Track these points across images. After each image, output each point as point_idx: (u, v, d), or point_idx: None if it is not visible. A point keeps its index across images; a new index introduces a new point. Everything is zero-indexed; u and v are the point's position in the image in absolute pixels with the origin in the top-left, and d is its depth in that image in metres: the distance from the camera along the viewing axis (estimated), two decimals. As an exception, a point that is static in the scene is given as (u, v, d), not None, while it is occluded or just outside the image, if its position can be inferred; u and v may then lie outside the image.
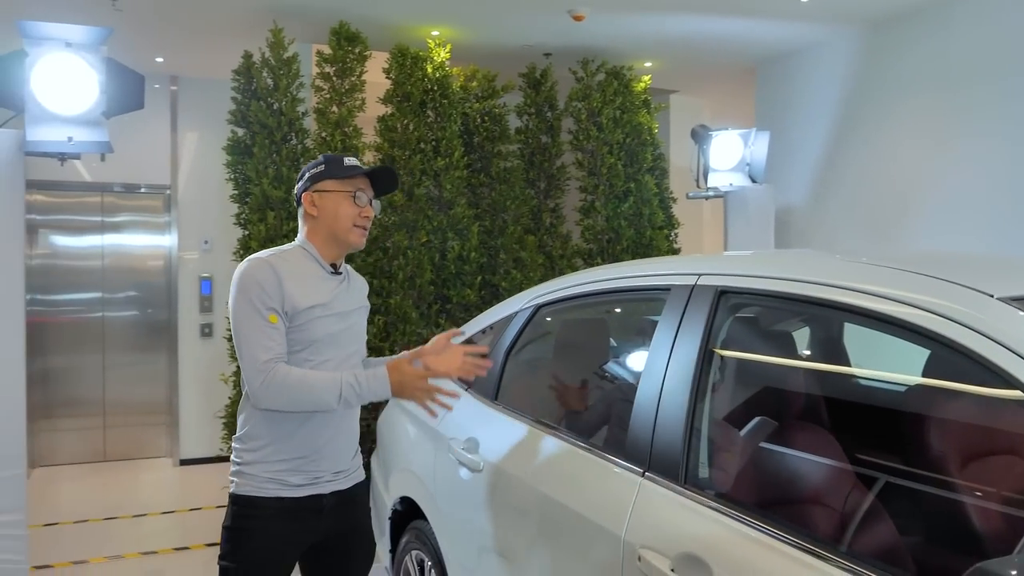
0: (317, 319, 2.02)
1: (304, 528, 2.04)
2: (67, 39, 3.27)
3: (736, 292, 1.70)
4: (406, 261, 4.78)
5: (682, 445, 1.61)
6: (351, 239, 2.11)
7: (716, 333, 1.70)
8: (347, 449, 2.15)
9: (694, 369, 1.67)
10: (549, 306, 2.45)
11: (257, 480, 2.02)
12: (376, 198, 2.19)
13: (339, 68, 4.78)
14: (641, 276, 2.05)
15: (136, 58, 5.87)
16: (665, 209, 5.84)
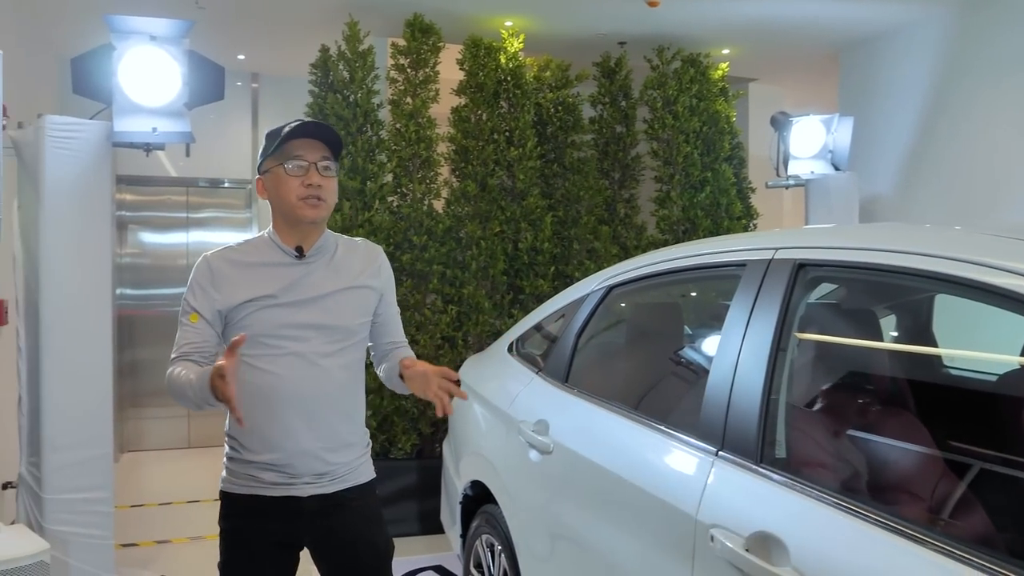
0: (257, 312, 1.87)
1: (283, 530, 1.91)
2: (152, 32, 3.38)
3: (816, 265, 1.63)
4: (479, 251, 4.78)
5: (758, 424, 1.55)
6: (300, 214, 1.89)
7: (794, 308, 1.63)
8: (327, 451, 1.92)
9: (771, 346, 1.60)
10: (621, 287, 2.40)
11: (235, 476, 1.94)
12: (327, 161, 1.92)
13: (413, 59, 4.81)
14: (715, 252, 1.98)
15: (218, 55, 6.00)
16: (743, 199, 5.69)
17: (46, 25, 5.26)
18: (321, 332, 1.91)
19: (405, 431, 4.56)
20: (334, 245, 2.01)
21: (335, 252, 2.00)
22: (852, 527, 1.31)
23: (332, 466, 1.92)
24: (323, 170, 1.90)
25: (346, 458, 1.96)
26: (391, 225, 4.64)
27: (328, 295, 1.93)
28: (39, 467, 3.32)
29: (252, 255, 1.94)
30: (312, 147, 1.91)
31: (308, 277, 1.93)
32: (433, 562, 3.97)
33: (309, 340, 1.90)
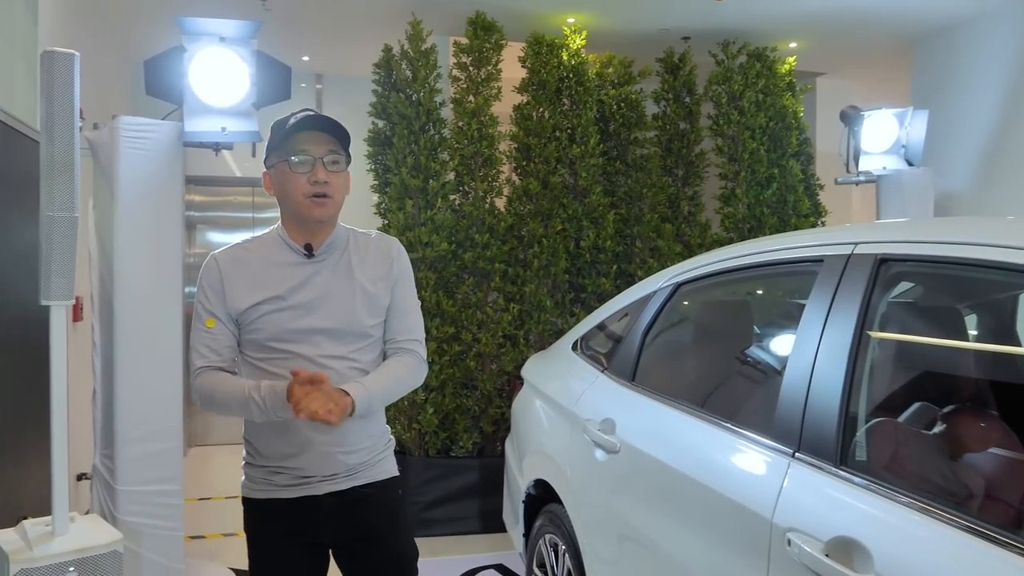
0: (266, 316, 1.82)
1: (303, 530, 1.89)
2: (221, 33, 3.43)
3: (899, 260, 1.56)
4: (541, 250, 4.75)
5: (837, 425, 1.49)
6: (306, 213, 1.82)
7: (875, 306, 1.56)
8: (342, 453, 1.88)
9: (850, 345, 1.54)
10: (689, 284, 2.35)
11: (253, 481, 1.93)
12: (333, 154, 1.84)
13: (476, 58, 4.81)
14: (790, 248, 1.92)
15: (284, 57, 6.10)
16: (812, 196, 5.55)
17: (120, 28, 5.41)
18: (331, 336, 1.85)
19: (467, 429, 4.56)
20: (345, 241, 1.93)
21: (346, 248, 1.92)
22: (940, 533, 1.24)
23: (346, 464, 1.88)
24: (330, 164, 1.83)
25: (363, 457, 1.92)
26: (453, 223, 4.65)
27: (338, 295, 1.86)
28: (112, 459, 3.40)
29: (260, 253, 1.89)
30: (318, 140, 1.82)
31: (317, 276, 1.86)
32: (494, 560, 3.96)
33: (319, 344, 1.84)
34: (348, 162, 1.90)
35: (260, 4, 4.83)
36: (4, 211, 3.04)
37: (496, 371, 4.64)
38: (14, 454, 3.17)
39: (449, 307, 4.52)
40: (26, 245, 3.20)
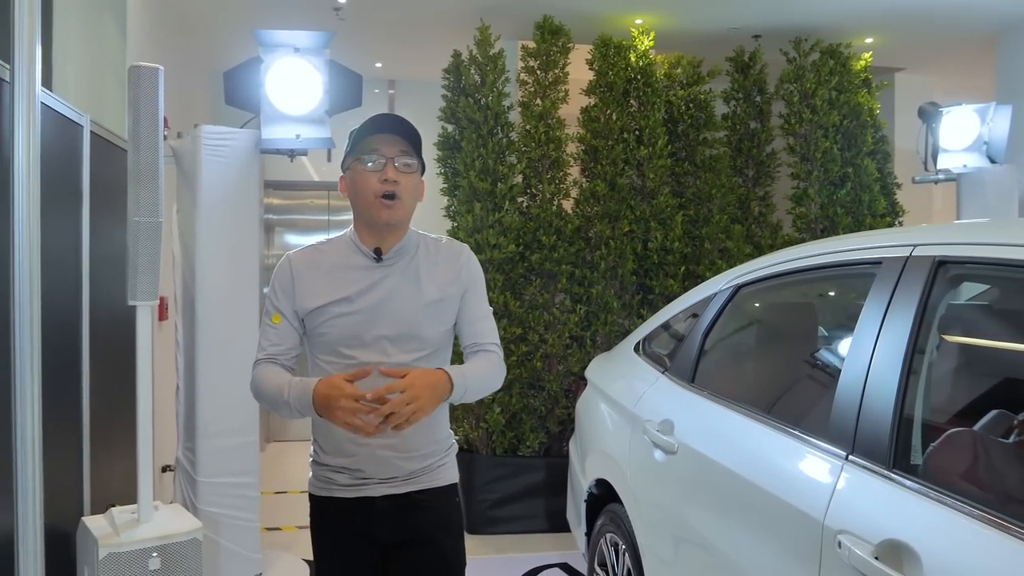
0: (333, 319, 1.83)
1: (361, 530, 1.90)
2: (296, 44, 3.56)
3: (957, 262, 1.54)
4: (607, 251, 4.77)
5: (891, 428, 1.48)
6: (375, 215, 1.83)
7: (933, 308, 1.55)
8: (401, 459, 1.88)
9: (906, 348, 1.53)
10: (749, 286, 2.34)
11: (316, 478, 1.95)
12: (405, 156, 1.85)
13: (543, 61, 4.85)
14: (849, 250, 1.90)
15: (357, 64, 6.28)
16: (888, 195, 5.41)
17: (202, 42, 5.65)
18: (396, 343, 1.84)
19: (533, 429, 4.61)
20: (415, 247, 1.93)
21: (415, 254, 1.92)
22: (994, 540, 1.23)
23: (404, 469, 1.89)
24: (400, 166, 1.84)
25: (423, 462, 1.91)
26: (520, 225, 4.70)
27: (403, 301, 1.85)
28: (194, 452, 3.57)
29: (332, 256, 1.90)
30: (390, 141, 1.84)
31: (385, 281, 1.86)
32: (559, 559, 4.00)
33: (385, 350, 1.83)
34: (422, 169, 1.92)
35: (334, 14, 4.97)
36: (95, 216, 3.22)
37: (562, 372, 4.68)
38: (103, 446, 3.35)
39: (516, 308, 4.58)
40: (115, 248, 3.39)
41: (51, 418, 1.71)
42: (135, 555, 2.82)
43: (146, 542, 2.85)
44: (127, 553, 2.81)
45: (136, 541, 2.83)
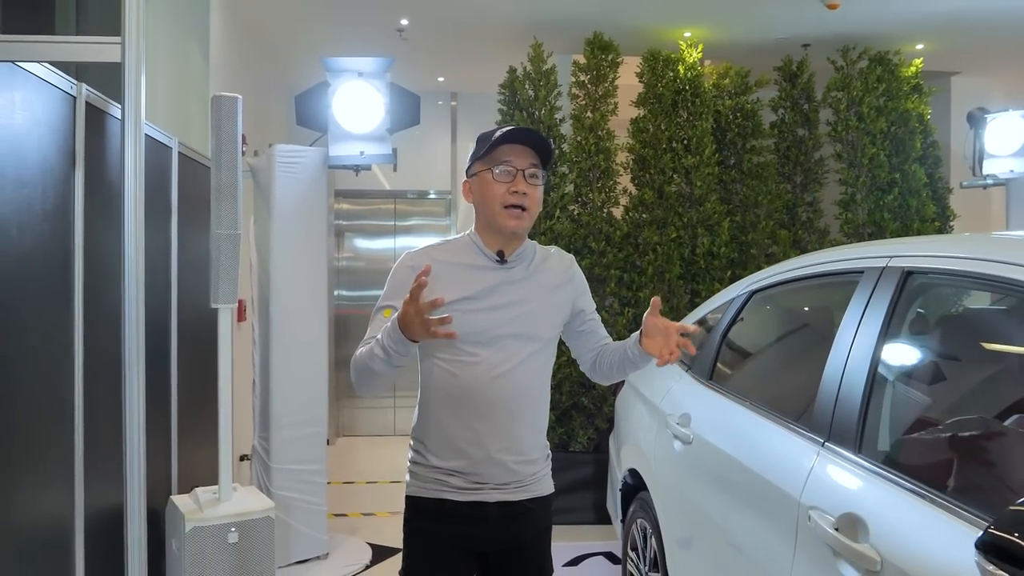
0: (459, 316, 1.79)
1: (467, 535, 1.90)
2: (359, 70, 3.90)
3: (922, 272, 1.74)
4: (655, 256, 4.98)
5: (858, 418, 1.69)
6: (501, 223, 1.87)
7: (900, 313, 1.75)
8: (513, 461, 1.90)
9: (875, 347, 1.73)
10: (762, 292, 2.56)
11: (422, 480, 1.94)
12: (535, 168, 1.89)
13: (593, 76, 5.09)
14: (842, 260, 2.11)
15: (421, 79, 6.66)
16: (939, 200, 5.47)
17: (276, 67, 6.08)
18: (517, 341, 1.88)
19: (583, 426, 4.85)
20: (532, 252, 1.99)
21: (533, 259, 1.98)
22: (928, 512, 1.43)
23: (518, 475, 1.90)
24: (530, 178, 1.88)
25: (534, 468, 1.94)
26: (571, 232, 4.95)
27: (526, 302, 1.90)
28: (268, 441, 3.94)
29: (453, 255, 1.93)
30: (522, 154, 1.88)
31: (508, 283, 1.91)
32: (604, 549, 4.23)
33: (504, 348, 1.87)
34: (546, 179, 1.98)
35: (398, 35, 5.31)
36: (182, 227, 3.61)
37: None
38: (188, 434, 3.74)
39: (567, 311, 4.82)
40: (199, 256, 3.77)
41: (148, 410, 2.01)
42: (216, 529, 3.18)
43: (226, 518, 3.20)
44: (209, 527, 3.17)
45: (217, 517, 3.19)
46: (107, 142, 2.78)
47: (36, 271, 2.34)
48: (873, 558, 1.45)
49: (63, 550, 2.57)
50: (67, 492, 2.59)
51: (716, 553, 2.20)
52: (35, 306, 2.35)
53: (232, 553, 3.20)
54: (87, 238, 2.59)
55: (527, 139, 1.88)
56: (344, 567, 3.98)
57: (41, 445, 2.41)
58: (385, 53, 5.32)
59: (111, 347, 2.75)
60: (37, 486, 2.39)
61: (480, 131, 2.00)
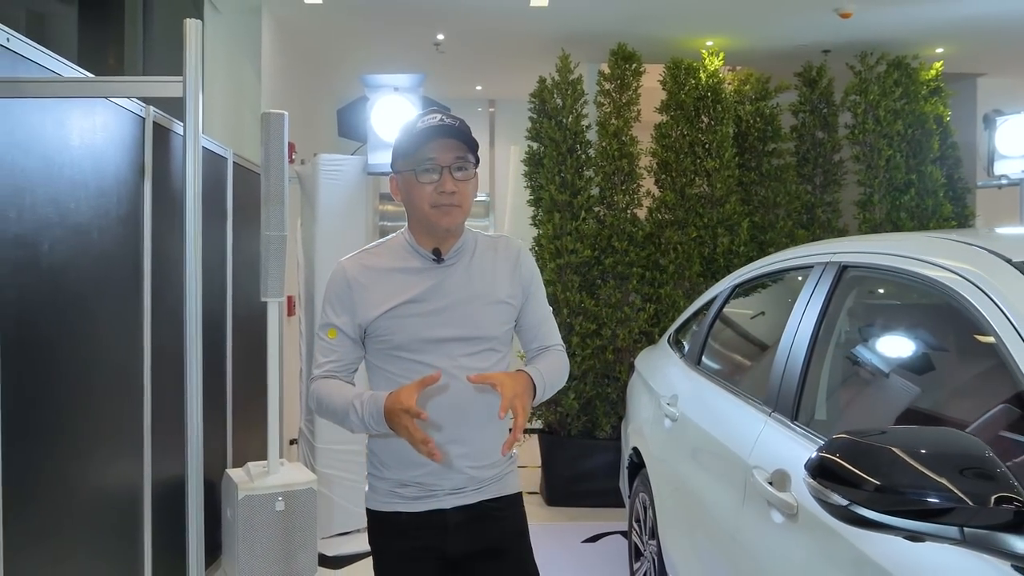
0: (397, 322, 1.77)
1: (431, 545, 1.82)
2: (395, 85, 4.26)
3: (854, 267, 2.01)
4: (676, 255, 5.25)
5: (796, 391, 1.98)
6: (434, 222, 1.78)
7: (836, 302, 2.03)
8: (472, 468, 1.82)
9: (813, 330, 2.02)
10: (742, 285, 2.84)
11: (377, 492, 1.87)
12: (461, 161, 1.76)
13: (617, 85, 5.39)
14: (800, 256, 2.38)
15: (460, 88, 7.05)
16: (958, 199, 5.64)
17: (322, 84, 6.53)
18: (463, 343, 1.79)
19: (606, 414, 5.15)
20: (473, 246, 1.89)
21: (474, 253, 1.88)
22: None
23: (475, 479, 1.84)
24: (457, 173, 1.75)
25: (493, 470, 1.87)
26: (596, 232, 5.25)
27: (468, 301, 1.81)
28: (313, 423, 4.33)
29: (388, 260, 1.85)
30: (445, 148, 1.74)
31: (447, 281, 1.82)
32: (621, 528, 4.53)
33: (451, 352, 1.78)
34: (476, 163, 1.82)
35: (435, 49, 5.68)
36: (237, 229, 4.03)
37: (632, 364, 5.20)
38: (242, 416, 4.16)
39: (591, 306, 5.14)
40: (251, 255, 4.18)
41: (205, 393, 2.35)
42: (265, 498, 3.58)
43: (274, 488, 3.60)
44: (259, 496, 3.57)
45: (266, 487, 3.59)
46: (171, 155, 3.19)
47: (113, 268, 2.76)
48: (792, 504, 1.74)
49: (134, 514, 2.98)
50: (137, 463, 3.00)
51: (691, 515, 2.50)
52: (112, 299, 2.77)
53: (279, 520, 3.60)
54: (154, 239, 3.00)
55: (448, 133, 1.74)
56: (381, 539, 4.35)
57: (116, 421, 2.83)
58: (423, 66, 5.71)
59: (174, 335, 3.16)
60: (112, 457, 2.80)
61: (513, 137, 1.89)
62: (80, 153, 2.48)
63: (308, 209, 4.44)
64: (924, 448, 1.13)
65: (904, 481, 1.11)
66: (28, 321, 2.20)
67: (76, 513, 2.53)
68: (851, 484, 1.15)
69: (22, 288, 2.16)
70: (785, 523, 1.77)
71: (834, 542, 1.55)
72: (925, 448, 1.13)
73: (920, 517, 1.10)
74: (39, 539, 2.29)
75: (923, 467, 1.10)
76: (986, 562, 1.19)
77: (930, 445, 1.14)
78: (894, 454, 1.13)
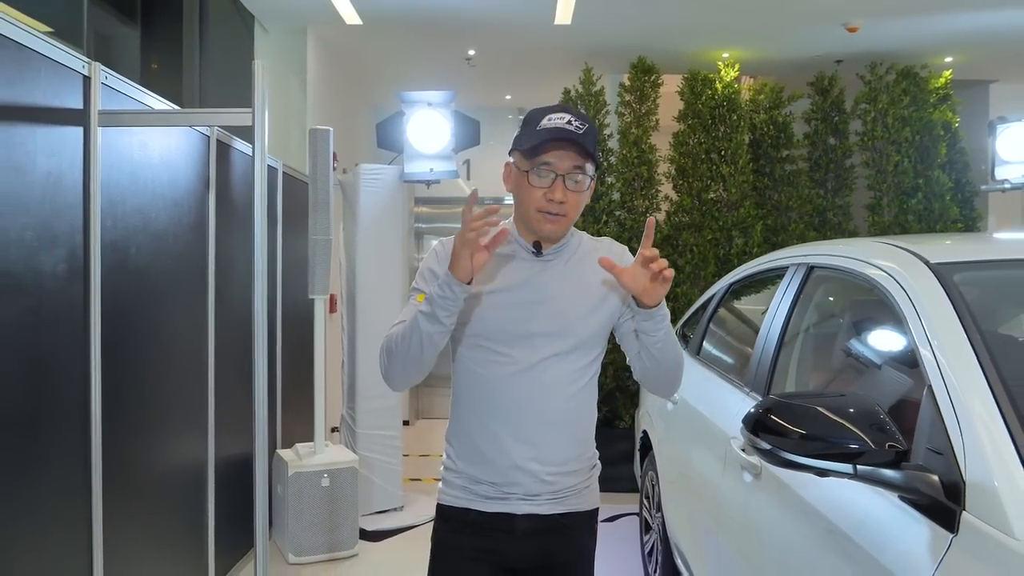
0: (484, 309, 1.73)
1: (494, 549, 1.78)
2: (428, 100, 4.65)
3: (819, 267, 2.35)
4: (692, 256, 5.58)
5: (768, 371, 2.32)
6: (536, 227, 1.71)
7: (805, 296, 2.37)
8: (544, 471, 1.74)
9: (785, 319, 2.36)
10: (735, 285, 3.18)
11: (451, 487, 1.83)
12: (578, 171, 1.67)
13: (637, 96, 5.73)
14: (780, 259, 2.72)
15: (490, 96, 7.44)
16: (965, 203, 5.89)
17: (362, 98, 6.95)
18: (550, 340, 1.71)
19: (625, 405, 5.50)
20: (576, 245, 1.82)
21: (577, 251, 1.80)
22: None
23: (551, 487, 1.75)
24: (571, 184, 1.68)
25: (569, 482, 1.78)
26: (617, 235, 5.59)
27: (562, 298, 1.73)
28: (354, 410, 4.74)
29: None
30: (564, 156, 1.66)
31: (542, 276, 1.75)
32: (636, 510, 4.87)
33: (535, 347, 1.71)
34: (596, 172, 1.74)
35: (466, 64, 6.07)
36: (287, 233, 4.45)
37: (651, 358, 5.54)
38: (291, 403, 4.58)
39: (612, 304, 5.47)
40: (299, 257, 4.60)
41: None
42: (312, 475, 3.98)
43: (319, 466, 4.00)
44: (307, 473, 3.98)
45: (313, 465, 4.00)
46: (231, 168, 3.61)
47: (185, 269, 3.17)
48: (757, 465, 2.09)
49: (199, 487, 3.40)
50: (202, 441, 3.42)
51: (687, 486, 2.85)
52: (183, 296, 3.19)
53: (324, 495, 4.00)
54: (217, 243, 3.42)
55: (571, 136, 1.64)
56: (415, 518, 4.74)
57: (187, 404, 3.25)
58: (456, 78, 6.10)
59: (232, 328, 3.59)
60: (182, 435, 3.22)
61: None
62: (159, 169, 2.90)
63: (349, 214, 4.85)
64: (838, 407, 1.47)
65: (822, 431, 1.46)
66: (120, 317, 2.62)
67: (157, 480, 2.95)
68: (779, 434, 1.50)
69: (115, 287, 2.57)
70: (753, 481, 2.12)
71: (785, 492, 1.90)
72: (838, 407, 1.47)
73: (823, 459, 1.44)
74: (131, 499, 2.71)
75: (842, 420, 1.44)
76: (883, 497, 1.53)
77: (842, 405, 1.48)
78: (816, 411, 1.48)
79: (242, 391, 3.76)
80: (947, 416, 1.45)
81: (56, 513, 2.26)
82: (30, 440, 2.13)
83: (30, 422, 2.13)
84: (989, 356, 1.50)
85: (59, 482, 2.28)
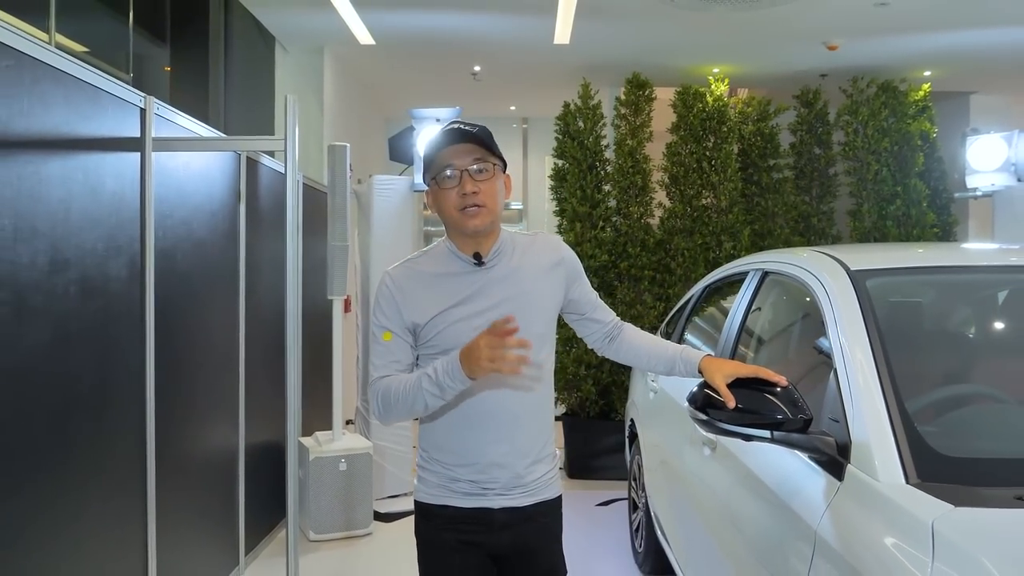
0: (451, 325, 1.82)
1: (475, 541, 1.89)
2: (437, 116, 5.04)
3: (771, 272, 2.73)
4: (683, 260, 5.96)
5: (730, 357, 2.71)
6: (463, 225, 1.81)
7: (760, 298, 2.75)
8: (520, 465, 1.88)
9: (742, 318, 2.74)
10: (710, 286, 3.57)
11: (427, 486, 1.92)
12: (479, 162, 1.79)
13: (632, 109, 6.12)
14: (743, 265, 3.10)
15: (495, 107, 7.83)
16: (942, 209, 6.25)
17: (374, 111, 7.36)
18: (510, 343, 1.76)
19: (620, 399, 5.88)
20: (512, 247, 1.92)
21: (514, 253, 1.91)
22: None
23: (524, 480, 1.90)
24: (476, 174, 1.79)
25: (538, 473, 1.93)
26: (613, 239, 5.98)
27: (512, 299, 1.85)
28: (367, 402, 5.13)
29: (431, 266, 1.89)
30: (462, 152, 1.79)
31: (490, 283, 1.87)
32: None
33: None
34: (504, 166, 1.87)
35: (472, 78, 6.47)
36: (307, 239, 4.85)
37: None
38: (311, 395, 4.98)
39: (608, 304, 5.85)
40: (318, 261, 5.00)
41: (279, 375, 3.09)
42: (331, 460, 4.38)
43: (337, 452, 4.40)
44: (326, 458, 4.37)
45: (331, 451, 4.39)
46: (259, 182, 4.01)
47: (219, 274, 3.58)
48: (713, 440, 2.47)
49: (231, 470, 3.79)
50: (233, 429, 3.82)
51: (662, 464, 3.23)
52: (219, 299, 3.59)
53: (342, 479, 4.40)
54: (247, 250, 3.82)
55: (461, 136, 1.79)
56: (425, 501, 5.13)
57: (222, 395, 3.64)
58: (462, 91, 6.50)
59: (260, 326, 3.99)
60: (218, 422, 3.62)
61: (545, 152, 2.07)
62: (199, 184, 3.31)
63: (364, 221, 5.25)
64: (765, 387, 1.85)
65: (753, 405, 1.83)
66: (169, 317, 3.02)
67: (197, 463, 3.36)
68: (717, 407, 1.87)
69: (165, 290, 2.97)
70: (710, 455, 2.51)
71: (734, 461, 2.29)
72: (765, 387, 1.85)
73: (748, 427, 1.82)
74: (177, 479, 3.11)
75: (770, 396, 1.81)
76: (798, 458, 1.91)
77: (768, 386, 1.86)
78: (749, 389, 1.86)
79: (268, 383, 4.17)
80: (844, 392, 1.84)
81: (118, 483, 2.66)
82: (98, 423, 2.53)
83: (100, 406, 2.54)
84: (882, 346, 1.89)
85: (120, 460, 2.68)
